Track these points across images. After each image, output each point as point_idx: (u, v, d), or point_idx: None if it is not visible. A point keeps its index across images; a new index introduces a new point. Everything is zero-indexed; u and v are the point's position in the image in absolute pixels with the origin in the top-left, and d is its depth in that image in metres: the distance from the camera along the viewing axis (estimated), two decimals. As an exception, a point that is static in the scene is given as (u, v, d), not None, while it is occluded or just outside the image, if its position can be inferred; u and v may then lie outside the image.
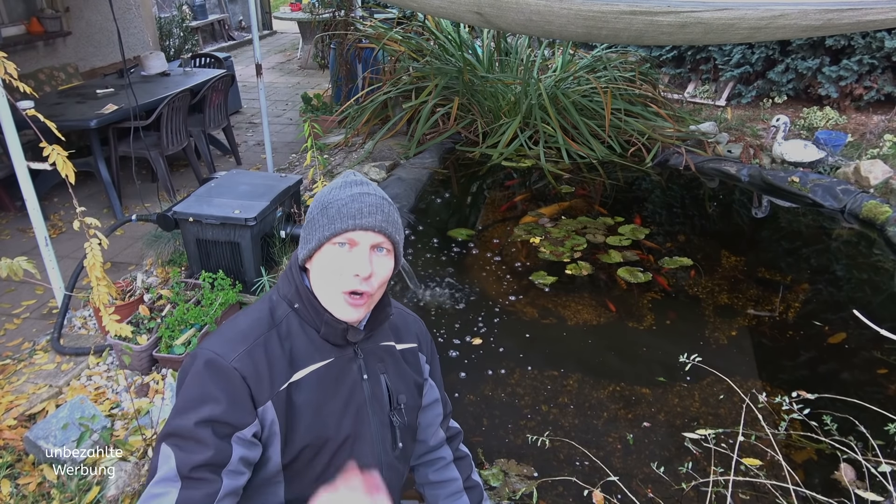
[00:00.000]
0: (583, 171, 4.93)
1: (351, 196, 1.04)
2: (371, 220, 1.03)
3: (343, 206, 1.03)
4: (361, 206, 1.03)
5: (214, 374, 0.99)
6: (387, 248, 1.07)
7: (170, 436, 0.97)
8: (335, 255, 1.04)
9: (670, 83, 6.77)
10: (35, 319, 3.11)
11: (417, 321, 1.33)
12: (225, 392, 0.98)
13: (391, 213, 1.07)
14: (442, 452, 1.39)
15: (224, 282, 2.94)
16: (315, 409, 1.06)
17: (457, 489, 1.38)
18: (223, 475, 0.96)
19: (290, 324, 1.08)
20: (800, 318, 3.12)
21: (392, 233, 1.06)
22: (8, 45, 5.09)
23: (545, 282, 3.45)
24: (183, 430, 0.96)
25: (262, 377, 1.01)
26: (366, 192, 1.05)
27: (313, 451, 1.06)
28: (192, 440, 0.95)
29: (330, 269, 1.04)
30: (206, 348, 1.02)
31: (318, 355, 1.08)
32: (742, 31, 2.67)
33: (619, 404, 2.57)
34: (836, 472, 2.16)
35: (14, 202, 4.18)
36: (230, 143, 5.28)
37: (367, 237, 1.03)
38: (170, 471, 0.94)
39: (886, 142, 4.86)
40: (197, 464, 0.94)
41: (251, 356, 1.01)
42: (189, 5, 9.11)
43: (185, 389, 1.00)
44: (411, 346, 1.27)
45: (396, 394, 1.18)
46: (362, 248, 1.04)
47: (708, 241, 4.00)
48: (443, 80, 5.39)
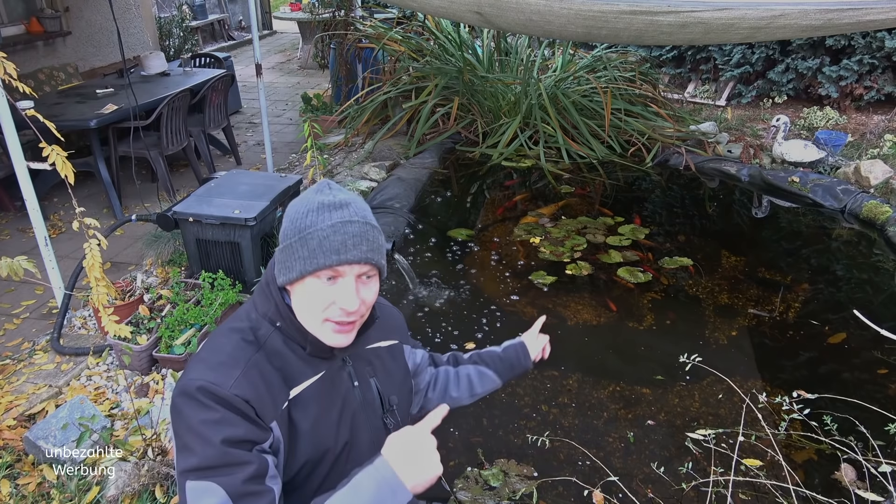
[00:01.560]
0: (583, 171, 4.93)
1: (332, 227, 0.96)
2: (356, 254, 0.97)
3: (325, 240, 0.96)
4: (345, 238, 0.96)
5: (217, 402, 0.93)
6: (373, 274, 1.03)
7: (195, 471, 0.89)
8: (319, 288, 0.99)
9: (670, 83, 6.77)
10: (35, 319, 3.11)
11: (397, 314, 1.33)
12: (236, 414, 0.93)
13: (375, 238, 1.01)
14: (443, 377, 1.46)
15: (224, 282, 2.95)
16: (313, 423, 1.04)
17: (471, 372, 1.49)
18: (268, 482, 0.92)
19: (274, 342, 1.03)
20: (800, 318, 3.12)
21: (377, 260, 1.01)
22: (8, 45, 5.09)
23: (544, 281, 3.45)
24: (209, 461, 0.90)
25: (264, 399, 0.97)
26: (348, 220, 0.98)
27: (313, 464, 1.05)
28: (224, 466, 0.89)
29: (314, 301, 1.00)
30: (194, 379, 0.94)
31: (309, 370, 1.05)
32: (742, 31, 2.66)
33: (619, 404, 2.57)
34: (837, 472, 2.16)
35: (14, 202, 4.18)
36: (230, 143, 5.27)
37: (353, 269, 0.99)
38: (219, 499, 0.87)
39: (886, 142, 4.86)
40: (245, 479, 0.89)
41: (248, 380, 0.96)
42: (189, 5, 9.11)
43: (187, 424, 0.93)
44: (395, 343, 1.27)
45: (388, 396, 1.17)
46: (348, 281, 0.99)
47: (708, 241, 4.00)
48: (443, 80, 5.39)
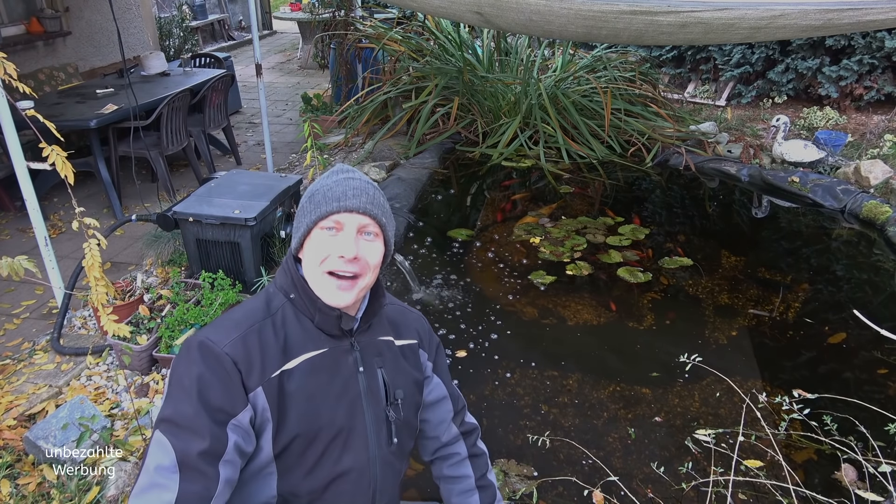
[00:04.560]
0: (583, 171, 4.93)
1: (336, 181, 1.08)
2: (355, 202, 1.06)
3: (328, 191, 1.07)
4: (346, 189, 1.07)
5: (206, 358, 1.00)
6: (374, 232, 1.10)
7: (164, 422, 0.97)
8: (322, 239, 1.07)
9: (670, 83, 6.77)
10: (35, 319, 3.11)
11: (419, 318, 1.33)
12: (217, 376, 0.99)
13: (376, 196, 1.10)
14: (457, 448, 1.39)
15: (224, 282, 2.95)
16: (307, 397, 1.06)
17: (469, 487, 1.38)
18: (220, 466, 0.97)
19: (285, 313, 1.10)
20: (800, 318, 3.12)
21: (378, 215, 1.09)
22: (8, 45, 5.09)
23: (544, 281, 3.45)
24: (178, 417, 0.97)
25: (254, 363, 1.03)
26: (351, 178, 1.09)
27: (305, 441, 1.06)
28: (188, 428, 0.96)
29: (317, 253, 1.07)
30: (200, 335, 1.05)
31: (311, 344, 1.09)
32: (742, 31, 2.66)
33: (619, 404, 2.57)
34: (837, 472, 2.16)
35: (14, 202, 4.18)
36: (230, 143, 5.28)
37: (353, 219, 1.07)
38: (168, 461, 0.94)
39: (886, 142, 4.86)
40: (195, 453, 0.94)
41: (244, 342, 1.03)
42: (189, 5, 9.11)
43: (178, 375, 1.01)
44: (411, 343, 1.27)
45: (393, 388, 1.17)
46: (348, 231, 1.07)
47: (708, 241, 4.00)
48: (443, 80, 5.38)
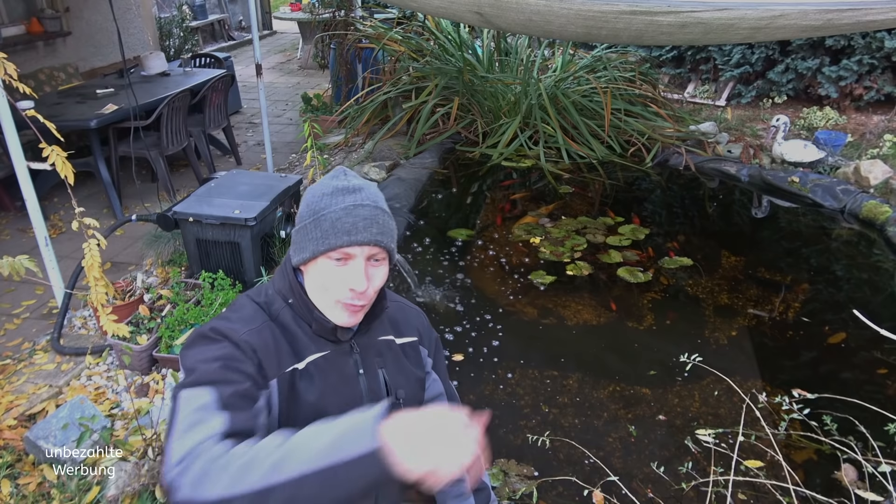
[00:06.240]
0: (583, 171, 4.93)
1: (344, 209, 1.02)
2: (366, 236, 1.01)
3: (337, 221, 1.01)
4: (356, 220, 1.01)
5: (226, 338, 0.98)
6: (382, 258, 1.07)
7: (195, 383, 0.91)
8: (330, 268, 1.03)
9: (670, 83, 6.77)
10: (35, 319, 3.11)
11: (419, 314, 1.32)
12: (244, 354, 0.97)
13: (386, 222, 1.05)
14: None
15: (224, 282, 2.95)
16: (319, 396, 1.06)
17: (463, 490, 1.37)
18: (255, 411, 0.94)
19: (284, 318, 1.09)
20: (799, 318, 3.12)
21: (387, 243, 1.05)
22: (8, 46, 5.09)
23: (544, 281, 3.45)
24: (210, 374, 0.92)
25: (271, 354, 1.01)
26: (360, 204, 1.03)
27: None
28: (222, 380, 0.91)
29: (324, 281, 1.04)
30: (210, 323, 1.02)
31: (314, 346, 1.09)
32: (742, 31, 2.67)
33: (619, 404, 2.57)
34: (837, 472, 2.16)
35: (14, 202, 4.18)
36: (230, 143, 5.28)
37: (363, 251, 1.03)
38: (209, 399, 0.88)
39: (886, 142, 4.85)
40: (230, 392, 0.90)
41: (260, 335, 1.02)
42: (189, 5, 9.11)
43: (195, 354, 0.96)
44: (411, 340, 1.26)
45: (395, 388, 1.17)
46: (357, 263, 1.03)
47: (708, 241, 4.00)
48: (443, 80, 5.38)
